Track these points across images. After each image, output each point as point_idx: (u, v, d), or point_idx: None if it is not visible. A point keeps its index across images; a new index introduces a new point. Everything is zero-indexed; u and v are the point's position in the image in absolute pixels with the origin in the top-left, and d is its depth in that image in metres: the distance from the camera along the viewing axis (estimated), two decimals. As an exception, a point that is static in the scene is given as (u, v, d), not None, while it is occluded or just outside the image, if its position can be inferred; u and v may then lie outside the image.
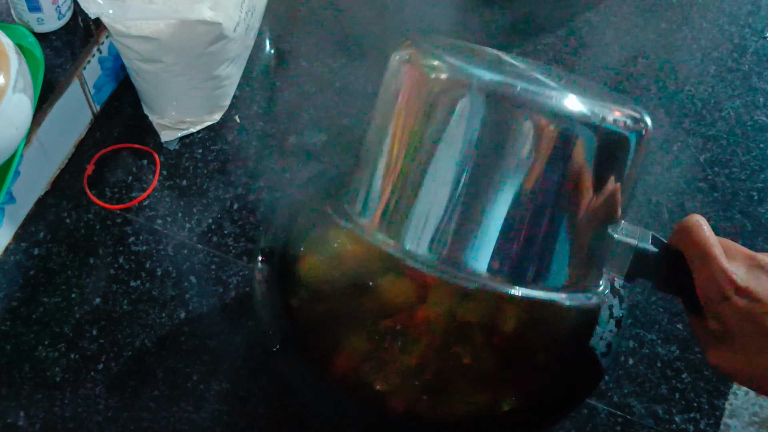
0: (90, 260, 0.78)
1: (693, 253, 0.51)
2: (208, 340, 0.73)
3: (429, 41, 0.57)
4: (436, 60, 0.53)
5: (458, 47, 0.57)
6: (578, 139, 0.51)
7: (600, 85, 0.58)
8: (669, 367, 0.73)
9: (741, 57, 0.94)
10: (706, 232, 0.51)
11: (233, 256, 0.78)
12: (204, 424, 0.69)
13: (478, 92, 0.51)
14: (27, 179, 0.79)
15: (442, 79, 0.52)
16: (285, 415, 0.70)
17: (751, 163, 0.86)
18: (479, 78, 0.51)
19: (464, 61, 0.53)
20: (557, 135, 0.50)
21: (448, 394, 0.64)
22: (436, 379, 0.64)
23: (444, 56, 0.53)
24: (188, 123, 0.86)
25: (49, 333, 0.73)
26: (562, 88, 0.52)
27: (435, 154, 0.53)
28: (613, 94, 0.59)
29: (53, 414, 0.69)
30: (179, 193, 0.82)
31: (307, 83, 0.91)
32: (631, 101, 0.56)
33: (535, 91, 0.50)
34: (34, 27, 0.83)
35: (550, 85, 0.52)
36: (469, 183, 0.52)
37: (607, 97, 0.54)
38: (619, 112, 0.52)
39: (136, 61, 0.80)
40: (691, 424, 0.70)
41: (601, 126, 0.51)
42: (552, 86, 0.52)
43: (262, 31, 0.92)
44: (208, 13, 0.76)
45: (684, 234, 0.51)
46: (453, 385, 0.64)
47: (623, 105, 0.54)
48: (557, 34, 0.96)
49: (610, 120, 0.51)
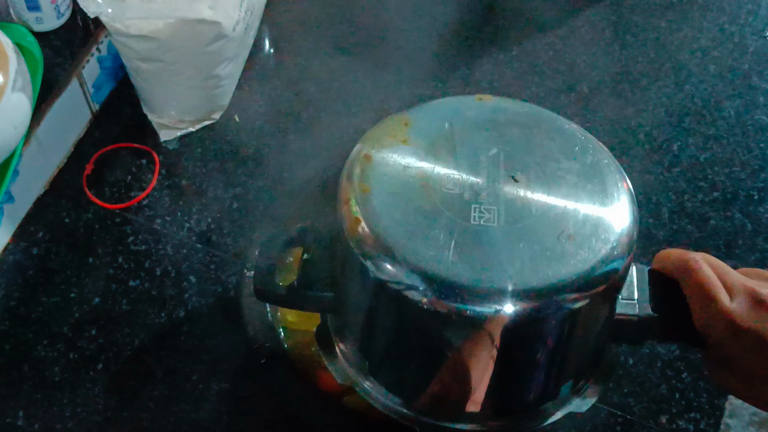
0: (89, 260, 0.78)
1: (693, 296, 0.50)
2: (208, 340, 0.73)
3: (377, 172, 0.51)
4: (376, 240, 0.48)
5: (416, 167, 0.51)
6: (562, 308, 0.48)
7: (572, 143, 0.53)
8: (669, 367, 0.73)
9: (741, 56, 0.94)
10: (705, 273, 0.50)
11: (232, 255, 0.78)
12: (204, 424, 0.69)
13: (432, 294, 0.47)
14: (26, 178, 0.78)
15: (381, 267, 0.48)
16: (285, 415, 0.69)
17: (751, 163, 0.86)
18: (415, 289, 0.47)
19: (414, 238, 0.47)
20: (534, 315, 0.47)
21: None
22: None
23: (390, 247, 0.47)
24: (187, 122, 0.86)
25: (48, 333, 0.73)
26: (531, 260, 0.47)
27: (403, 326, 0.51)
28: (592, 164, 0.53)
29: (52, 414, 0.69)
30: (178, 193, 0.82)
31: (306, 83, 0.90)
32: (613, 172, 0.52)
33: (501, 284, 0.46)
34: (33, 26, 0.83)
35: (520, 252, 0.47)
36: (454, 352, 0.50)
37: (586, 217, 0.49)
38: (602, 259, 0.48)
39: (135, 60, 0.80)
40: (691, 424, 0.70)
41: (586, 286, 0.48)
42: (521, 258, 0.47)
43: (261, 31, 0.92)
44: (208, 12, 0.76)
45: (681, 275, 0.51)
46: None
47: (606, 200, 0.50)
48: (557, 34, 0.96)
49: (599, 278, 0.48)
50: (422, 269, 0.47)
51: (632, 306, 0.52)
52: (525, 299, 0.46)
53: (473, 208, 0.49)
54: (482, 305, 0.46)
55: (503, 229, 0.48)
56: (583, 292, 0.48)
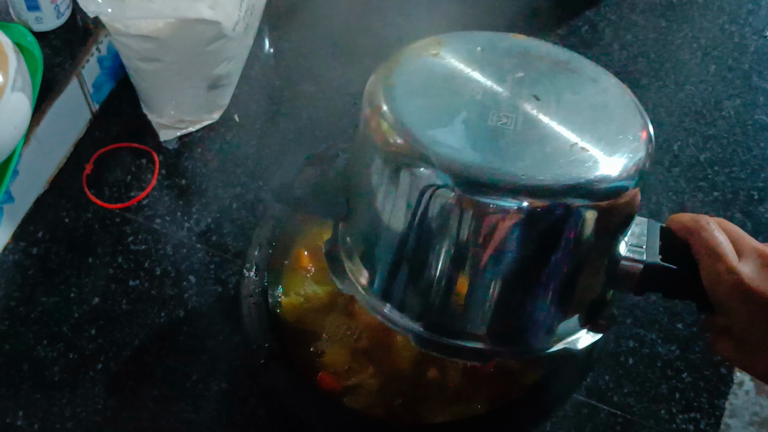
0: (89, 260, 0.78)
1: (703, 255, 0.50)
2: (207, 340, 0.73)
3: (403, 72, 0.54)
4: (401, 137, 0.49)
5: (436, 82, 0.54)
6: (571, 213, 0.48)
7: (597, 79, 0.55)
8: (669, 367, 0.73)
9: (741, 56, 0.94)
10: (713, 232, 0.50)
11: (232, 255, 0.78)
12: (203, 424, 0.69)
13: (446, 179, 0.48)
14: (26, 178, 0.78)
15: (399, 151, 0.50)
16: (285, 416, 0.69)
17: (751, 163, 0.86)
18: (449, 163, 0.48)
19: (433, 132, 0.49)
20: (542, 215, 0.48)
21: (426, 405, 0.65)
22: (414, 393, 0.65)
23: (410, 129, 0.49)
24: (187, 122, 0.86)
25: (47, 332, 0.73)
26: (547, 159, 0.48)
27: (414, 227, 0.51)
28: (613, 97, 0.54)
29: (52, 414, 0.69)
30: (178, 193, 0.82)
31: (306, 82, 0.90)
32: (633, 108, 0.53)
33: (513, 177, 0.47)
34: (32, 26, 0.83)
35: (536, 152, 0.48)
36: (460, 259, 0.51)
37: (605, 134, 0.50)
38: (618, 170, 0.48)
39: (135, 60, 0.80)
40: (691, 424, 0.70)
41: (598, 193, 0.48)
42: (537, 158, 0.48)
43: (261, 30, 0.92)
44: (207, 11, 0.76)
45: (691, 234, 0.51)
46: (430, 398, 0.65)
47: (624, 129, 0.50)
48: (557, 33, 0.96)
49: (602, 190, 0.48)
50: (436, 153, 0.48)
51: (640, 252, 0.52)
52: (533, 194, 0.47)
53: (492, 112, 0.50)
54: (492, 193, 0.48)
55: (519, 132, 0.50)
56: (590, 199, 0.48)
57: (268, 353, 0.64)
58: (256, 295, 0.67)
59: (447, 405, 0.65)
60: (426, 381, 0.65)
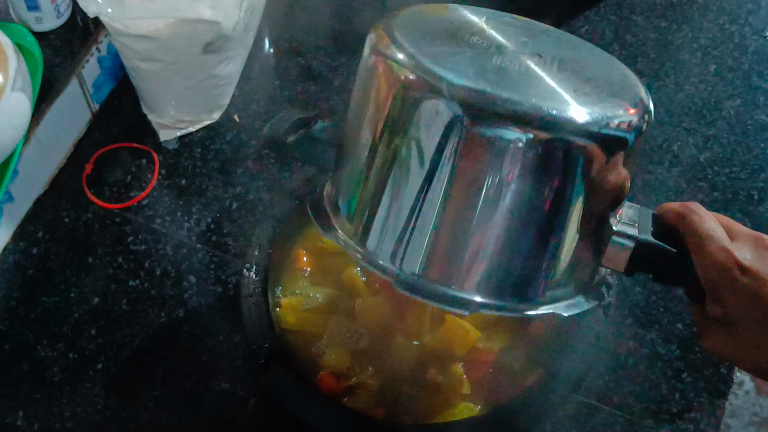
0: (89, 260, 0.78)
1: (693, 236, 0.49)
2: (207, 340, 0.73)
3: (408, 20, 0.55)
4: (405, 56, 0.50)
5: (441, 28, 0.54)
6: (570, 150, 0.48)
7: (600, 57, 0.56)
8: (669, 367, 0.73)
9: (741, 56, 0.94)
10: (704, 216, 0.49)
11: (232, 255, 0.78)
12: (203, 424, 0.69)
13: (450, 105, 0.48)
14: (26, 178, 0.78)
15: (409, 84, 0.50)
16: (285, 416, 0.69)
17: (751, 163, 0.86)
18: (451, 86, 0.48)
19: (438, 59, 0.50)
20: (543, 149, 0.48)
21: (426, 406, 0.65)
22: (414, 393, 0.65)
23: (415, 54, 0.50)
24: (187, 122, 0.86)
25: (47, 332, 0.73)
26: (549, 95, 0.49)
27: (409, 164, 0.51)
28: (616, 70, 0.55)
29: (52, 414, 0.69)
30: (178, 193, 0.82)
31: (306, 82, 0.90)
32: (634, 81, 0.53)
33: (517, 104, 0.47)
34: (32, 26, 0.83)
35: (538, 87, 0.49)
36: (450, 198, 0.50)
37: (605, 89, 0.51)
38: (616, 116, 0.49)
39: (135, 60, 0.80)
40: (691, 424, 0.70)
41: (595, 135, 0.48)
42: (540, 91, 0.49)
43: (261, 31, 0.92)
44: (207, 12, 0.76)
45: (682, 219, 0.50)
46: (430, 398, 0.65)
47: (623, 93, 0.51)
48: (557, 33, 0.96)
49: (605, 127, 0.48)
50: (440, 76, 0.48)
51: (632, 228, 0.52)
52: (533, 125, 0.47)
53: (495, 58, 0.51)
54: (491, 123, 0.48)
55: (522, 73, 0.50)
56: (588, 139, 0.48)
57: (268, 353, 0.64)
58: (256, 295, 0.67)
59: (447, 405, 0.65)
60: (426, 381, 0.65)
